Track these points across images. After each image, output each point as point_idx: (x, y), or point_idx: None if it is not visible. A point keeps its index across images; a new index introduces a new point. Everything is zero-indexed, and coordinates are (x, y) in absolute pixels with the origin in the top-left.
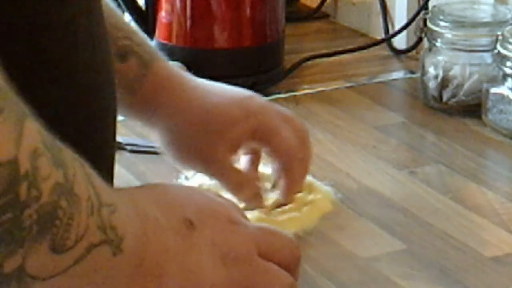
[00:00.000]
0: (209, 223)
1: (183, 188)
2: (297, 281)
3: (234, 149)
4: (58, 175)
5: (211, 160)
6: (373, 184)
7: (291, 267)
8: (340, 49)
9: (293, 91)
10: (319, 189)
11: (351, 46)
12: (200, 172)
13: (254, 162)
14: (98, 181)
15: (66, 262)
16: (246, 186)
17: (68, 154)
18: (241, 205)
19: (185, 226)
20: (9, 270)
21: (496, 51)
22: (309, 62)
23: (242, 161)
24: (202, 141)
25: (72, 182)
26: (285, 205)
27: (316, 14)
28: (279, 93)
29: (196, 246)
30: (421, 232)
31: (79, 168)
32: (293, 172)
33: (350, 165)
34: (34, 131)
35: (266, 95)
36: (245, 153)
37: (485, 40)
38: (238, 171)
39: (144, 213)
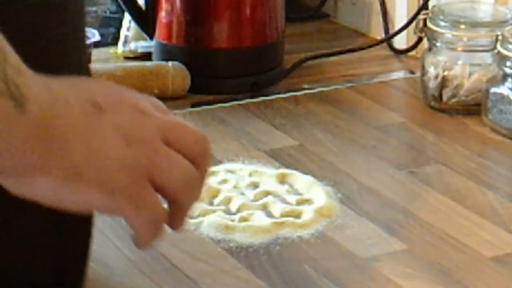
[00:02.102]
0: (116, 108)
1: (97, 80)
2: (205, 179)
3: None
4: None
5: None
6: (373, 184)
7: (198, 161)
8: (340, 49)
9: (293, 91)
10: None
11: (351, 46)
12: None
13: None
14: (11, 52)
15: None
16: None
17: None
18: None
19: (93, 107)
20: None
21: (496, 51)
22: (309, 62)
23: None
24: None
25: None
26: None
27: (316, 14)
28: (279, 93)
29: (101, 126)
30: (421, 232)
31: None
32: None
33: (350, 165)
34: None
35: (266, 95)
36: None
37: (485, 40)
38: None
39: (53, 90)
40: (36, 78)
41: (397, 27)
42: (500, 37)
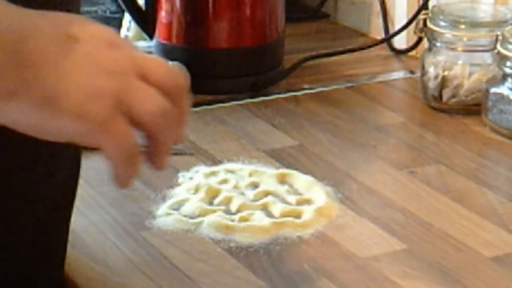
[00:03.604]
0: (92, 40)
1: (75, 15)
2: (183, 115)
3: None
4: None
5: None
6: (373, 184)
7: (173, 95)
8: (340, 49)
9: (293, 91)
10: (320, 193)
11: (351, 46)
12: None
13: None
14: None
15: None
16: None
17: None
18: None
19: (67, 37)
20: None
21: (496, 51)
22: (309, 62)
23: None
24: None
25: None
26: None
27: (316, 14)
28: (279, 93)
29: (74, 54)
30: (421, 232)
31: None
32: None
33: (350, 165)
34: None
35: (266, 95)
36: None
37: (485, 40)
38: None
39: (27, 17)
40: (10, 7)
41: (397, 27)
42: (500, 37)
